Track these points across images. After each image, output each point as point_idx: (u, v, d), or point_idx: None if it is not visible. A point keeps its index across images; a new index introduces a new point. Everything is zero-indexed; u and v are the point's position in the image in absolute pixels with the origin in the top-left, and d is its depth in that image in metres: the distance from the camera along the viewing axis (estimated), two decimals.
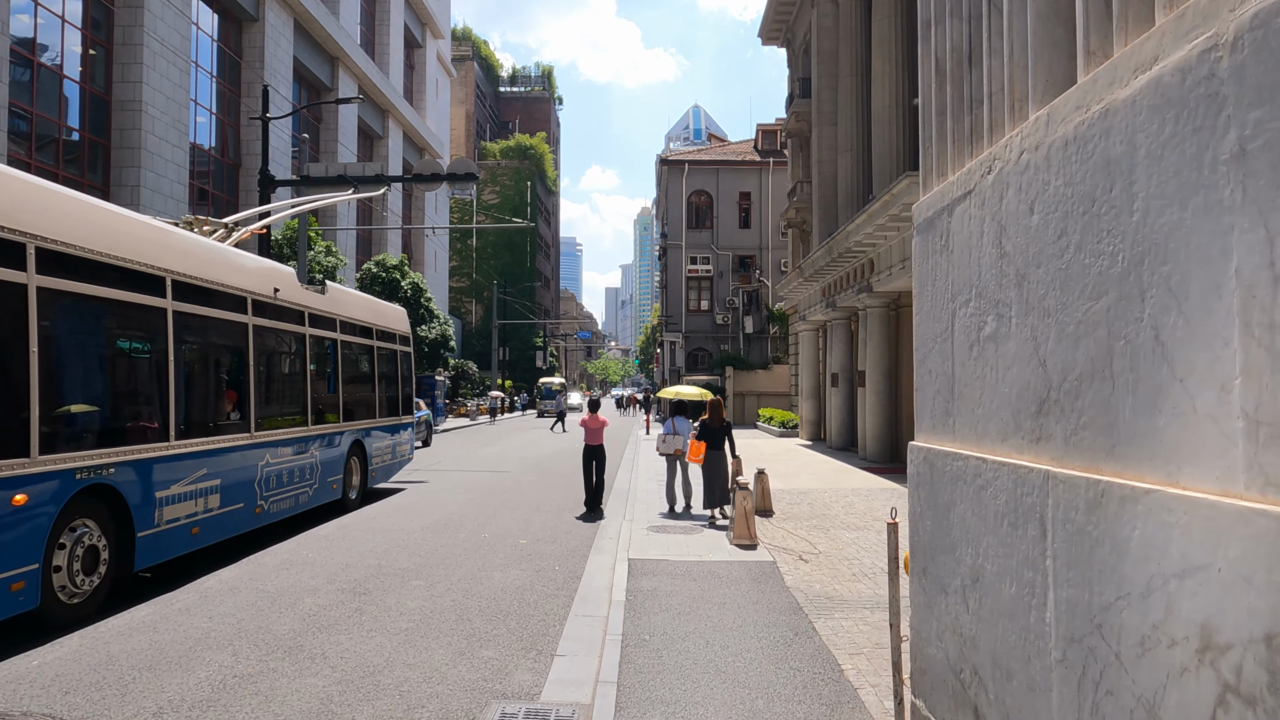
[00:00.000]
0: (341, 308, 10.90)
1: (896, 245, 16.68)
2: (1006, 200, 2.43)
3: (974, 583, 2.59)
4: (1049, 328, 2.17)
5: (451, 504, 12.02)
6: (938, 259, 3.03)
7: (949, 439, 2.94)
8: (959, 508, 2.73)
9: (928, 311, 3.14)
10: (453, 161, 18.91)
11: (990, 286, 2.55)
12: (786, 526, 9.96)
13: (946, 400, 2.94)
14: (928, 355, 3.14)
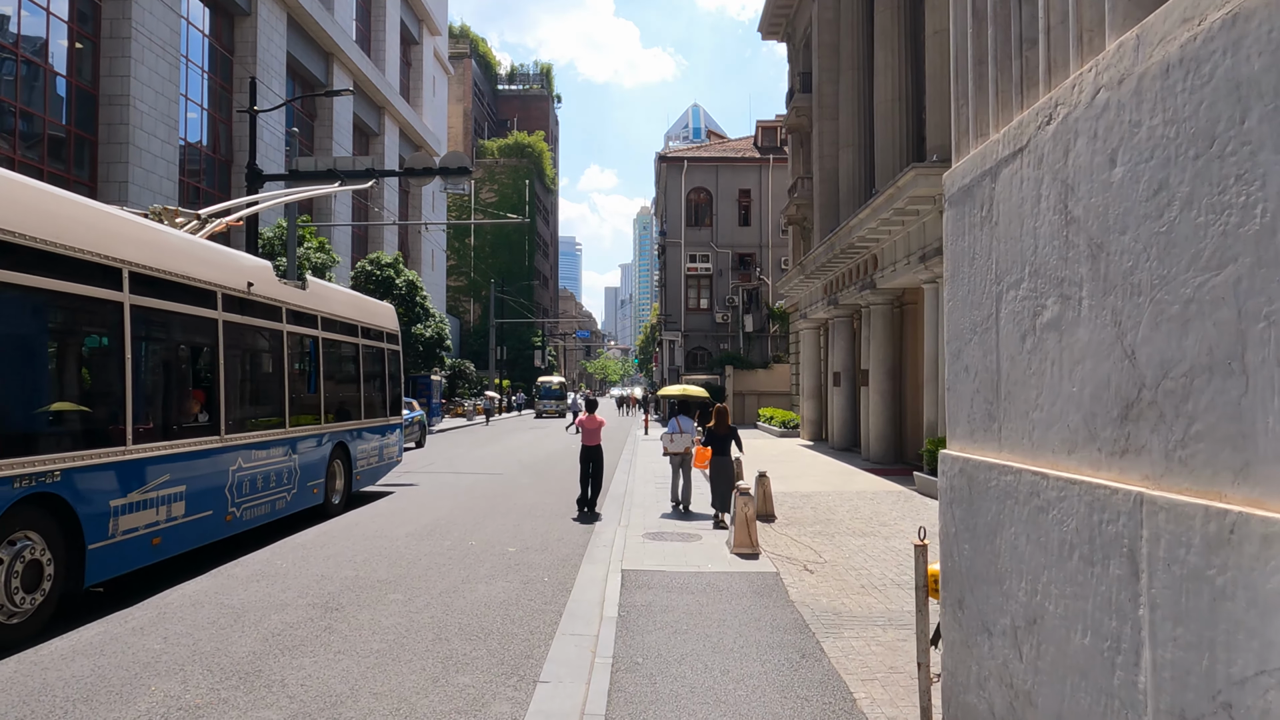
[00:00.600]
0: (323, 304, 10.41)
1: (901, 240, 16.21)
2: (1075, 153, 1.96)
3: (1030, 625, 2.12)
4: (1139, 309, 1.70)
5: (440, 509, 11.53)
6: (976, 234, 2.56)
7: (992, 448, 2.46)
8: (1008, 531, 2.26)
9: (964, 297, 2.67)
10: (446, 155, 18.42)
11: (1050, 262, 2.08)
12: (789, 533, 9.48)
13: (989, 402, 2.47)
14: (964, 348, 2.67)
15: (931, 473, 12.90)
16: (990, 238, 2.44)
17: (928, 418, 14.78)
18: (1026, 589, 2.14)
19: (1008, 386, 2.34)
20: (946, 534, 2.83)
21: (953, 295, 2.78)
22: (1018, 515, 2.20)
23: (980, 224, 2.52)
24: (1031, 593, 2.11)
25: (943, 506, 2.88)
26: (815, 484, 14.41)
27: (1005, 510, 2.27)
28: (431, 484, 14.48)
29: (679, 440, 11.04)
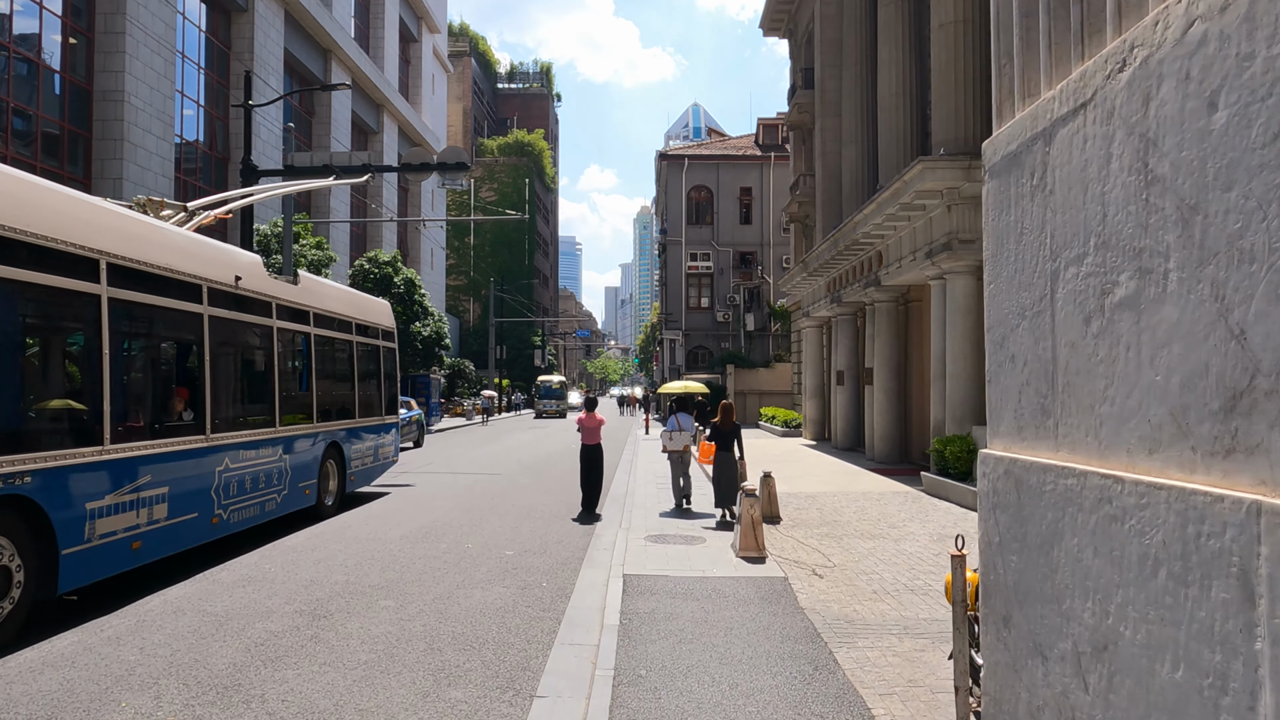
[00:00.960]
0: (316, 300, 10.12)
1: (907, 236, 15.91)
2: (1158, 101, 1.68)
3: (1099, 651, 1.83)
4: (1250, 280, 1.42)
5: (436, 510, 11.24)
6: (1025, 206, 2.27)
7: (1046, 447, 2.17)
8: (1069, 542, 1.97)
9: (1009, 278, 2.38)
10: (443, 151, 18.12)
11: (1124, 231, 1.80)
12: (796, 535, 9.18)
13: (1042, 395, 2.18)
14: (1009, 335, 2.38)
15: (940, 472, 12.61)
16: (1043, 209, 2.16)
17: (934, 416, 14.48)
18: (1094, 610, 1.86)
19: (1067, 377, 2.06)
20: (988, 543, 2.54)
21: (995, 277, 2.49)
22: (1082, 524, 1.91)
23: (1030, 194, 2.24)
24: (1101, 614, 1.83)
25: (983, 513, 2.58)
26: (820, 484, 14.11)
27: (1065, 518, 1.99)
28: (429, 484, 14.19)
29: (679, 438, 11.00)
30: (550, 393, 48.27)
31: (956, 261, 13.53)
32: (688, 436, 11.08)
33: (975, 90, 15.15)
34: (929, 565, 7.63)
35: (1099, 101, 1.89)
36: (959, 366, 13.53)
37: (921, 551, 8.30)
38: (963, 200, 13.39)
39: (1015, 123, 2.35)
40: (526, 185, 73.96)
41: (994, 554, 2.47)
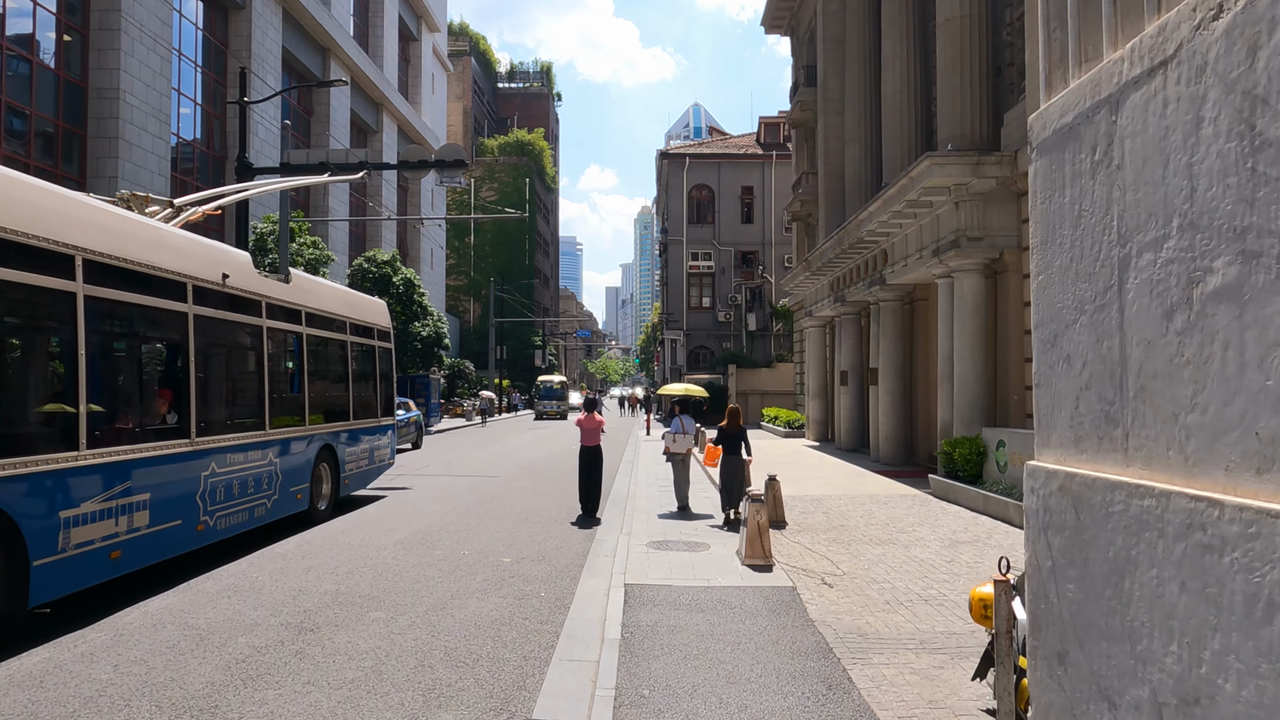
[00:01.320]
0: (308, 298, 9.83)
1: (913, 234, 15.63)
2: (1269, 50, 1.40)
3: (1189, 705, 1.56)
4: None
5: (432, 514, 10.96)
6: (1085, 184, 1.99)
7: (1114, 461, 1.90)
8: (1146, 574, 1.70)
9: (1064, 267, 2.10)
10: (442, 148, 17.84)
11: (1221, 207, 1.52)
12: (803, 541, 8.89)
13: (1108, 401, 1.90)
14: (1064, 333, 2.10)
15: (949, 475, 12.32)
16: (1109, 186, 1.88)
17: (942, 418, 14.20)
18: (1182, 655, 1.58)
19: (1141, 381, 1.78)
20: (1038, 567, 2.26)
21: (1045, 267, 2.22)
22: (1164, 553, 1.64)
23: (1091, 171, 1.96)
24: (1191, 661, 1.55)
25: (1031, 532, 2.30)
26: (825, 487, 13.83)
27: (1141, 545, 1.71)
28: (425, 487, 13.91)
29: (682, 441, 10.90)
30: (550, 393, 46.63)
31: (964, 260, 13.24)
32: (690, 439, 11.06)
33: (981, 86, 14.87)
34: (942, 573, 7.34)
35: (1185, 57, 1.62)
36: (967, 367, 13.25)
37: (933, 558, 8.01)
38: (971, 197, 13.11)
39: (1070, 91, 2.07)
40: (527, 185, 73.68)
41: (1046, 580, 2.19)
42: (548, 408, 45.35)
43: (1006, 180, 12.73)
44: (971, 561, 7.85)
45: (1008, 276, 13.23)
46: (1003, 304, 13.45)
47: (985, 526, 9.83)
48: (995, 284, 13.68)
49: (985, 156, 12.69)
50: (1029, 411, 12.69)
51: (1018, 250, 13.00)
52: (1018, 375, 12.97)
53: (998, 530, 9.55)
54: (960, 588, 6.80)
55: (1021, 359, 12.90)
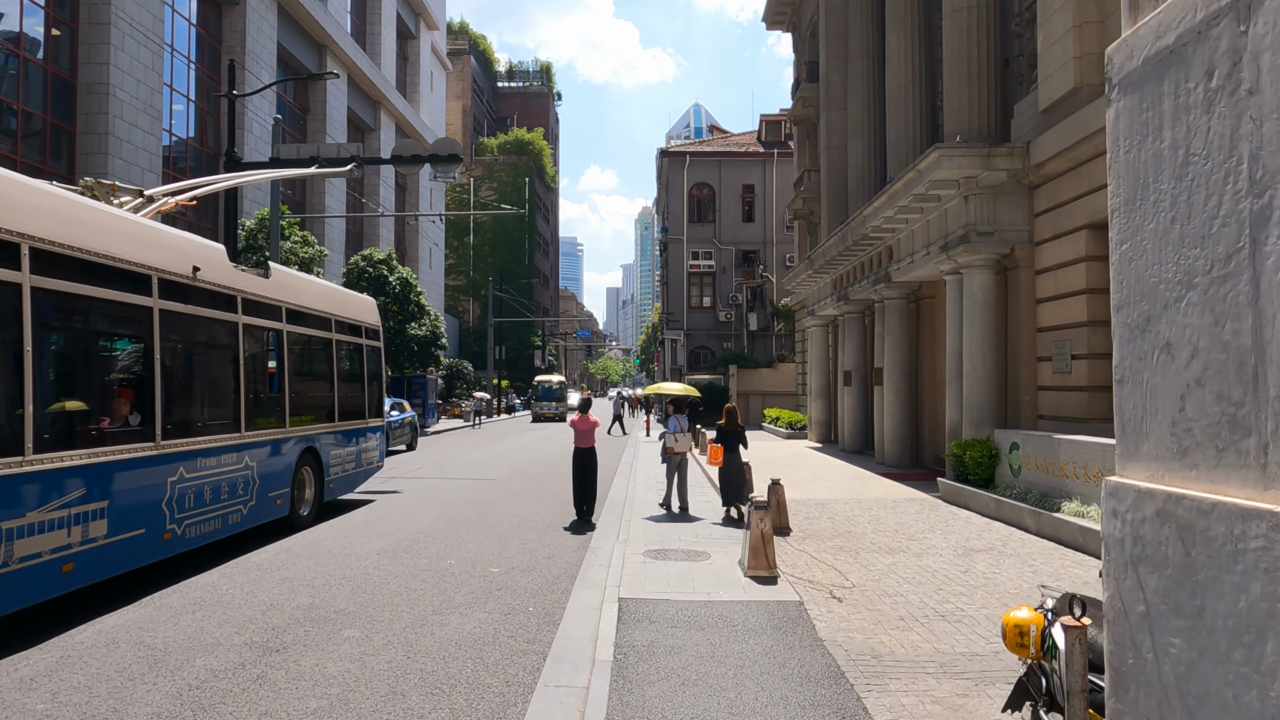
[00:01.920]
0: (289, 294, 9.38)
1: (920, 230, 15.18)
2: None
3: None
4: None
5: (421, 519, 10.50)
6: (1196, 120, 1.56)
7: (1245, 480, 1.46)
8: None
9: (1160, 231, 1.66)
10: (436, 141, 17.41)
11: None
12: (808, 549, 8.44)
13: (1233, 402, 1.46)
14: (1160, 314, 1.66)
15: (959, 478, 11.86)
16: (1235, 118, 1.44)
17: (950, 419, 13.74)
18: None
19: None
20: (1123, 611, 1.81)
21: (1130, 233, 1.77)
22: None
23: (1205, 103, 1.52)
24: None
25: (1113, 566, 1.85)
26: (829, 490, 13.37)
27: None
28: (416, 491, 13.46)
29: (683, 440, 10.80)
30: (548, 393, 44.14)
31: (974, 255, 12.78)
32: (690, 439, 10.85)
33: (989, 78, 14.44)
34: (957, 585, 6.89)
35: None
36: (976, 366, 12.79)
37: (946, 568, 7.56)
38: (981, 191, 12.65)
39: (1172, 5, 1.63)
40: (526, 184, 73.26)
41: (1136, 629, 1.73)
42: (545, 409, 43.01)
43: (1018, 173, 12.28)
44: (988, 572, 7.39)
45: (1019, 273, 12.77)
46: (1014, 301, 12.99)
47: (999, 533, 9.38)
48: (1006, 280, 13.22)
49: (996, 148, 12.24)
50: (1042, 413, 12.23)
51: (1029, 245, 12.55)
52: (1030, 375, 12.51)
53: (1013, 537, 9.09)
54: (979, 602, 6.34)
55: (1034, 358, 12.45)
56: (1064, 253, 11.55)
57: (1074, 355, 11.30)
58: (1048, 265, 12.03)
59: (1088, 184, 10.92)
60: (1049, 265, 12.00)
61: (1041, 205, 12.23)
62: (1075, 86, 10.94)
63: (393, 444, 21.10)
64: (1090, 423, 10.84)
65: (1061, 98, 11.27)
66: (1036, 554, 8.19)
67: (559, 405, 42.96)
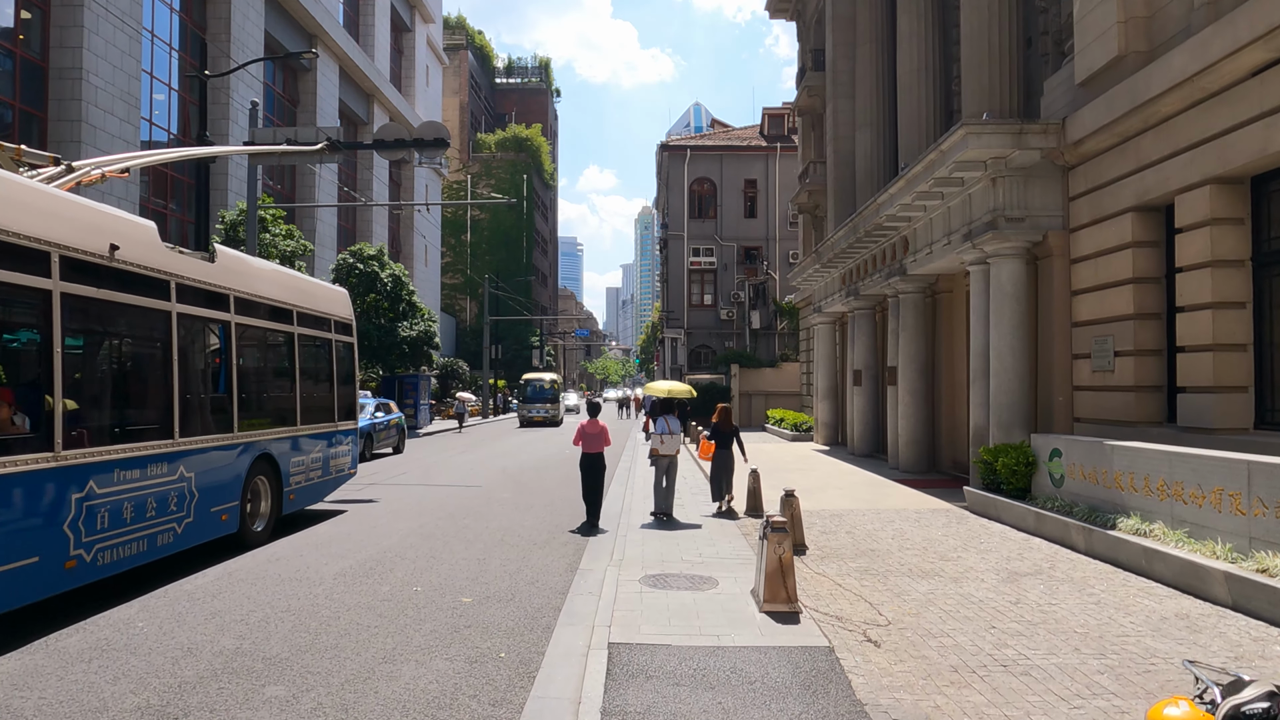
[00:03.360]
0: (239, 281, 8.28)
1: (939, 218, 14.09)
2: None
3: None
4: None
5: (393, 534, 9.41)
6: None
7: None
8: None
9: None
10: (421, 125, 16.32)
11: None
12: (829, 572, 7.35)
13: None
14: None
15: (989, 488, 10.76)
16: None
17: (974, 422, 12.64)
18: None
19: None
20: None
21: None
22: None
23: None
24: None
25: None
26: (843, 499, 12.29)
27: None
28: (395, 499, 12.37)
29: (670, 441, 10.30)
30: (539, 394, 37.62)
31: (1003, 243, 11.69)
32: (679, 439, 10.40)
33: (1011, 59, 13.39)
34: (1010, 620, 5.80)
35: None
36: (1005, 364, 11.70)
37: (993, 597, 6.47)
38: (1010, 172, 11.56)
39: None
40: (524, 181, 72.17)
41: None
42: (535, 412, 36.76)
43: (1051, 152, 11.19)
44: (1042, 603, 6.30)
45: (1051, 262, 11.68)
46: (1045, 293, 11.90)
47: (1043, 552, 8.29)
48: (1036, 270, 12.14)
49: (1028, 124, 11.15)
50: (1078, 415, 11.14)
51: (1064, 232, 11.46)
52: (1063, 373, 11.43)
53: (1059, 557, 8.00)
54: (1043, 645, 5.25)
55: (1068, 355, 11.36)
56: (1106, 238, 10.46)
57: (1117, 352, 10.22)
58: (1086, 253, 10.95)
59: (1134, 161, 9.83)
60: (1087, 253, 10.91)
61: (1079, 187, 11.14)
62: (1120, 54, 9.85)
63: (378, 447, 20.03)
64: (1137, 426, 9.76)
65: (1103, 68, 10.19)
66: (1093, 579, 7.10)
67: (551, 408, 37.46)
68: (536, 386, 38.07)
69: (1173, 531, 7.16)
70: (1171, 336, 9.71)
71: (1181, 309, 9.12)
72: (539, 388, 37.94)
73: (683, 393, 15.71)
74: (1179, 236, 9.18)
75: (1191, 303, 8.92)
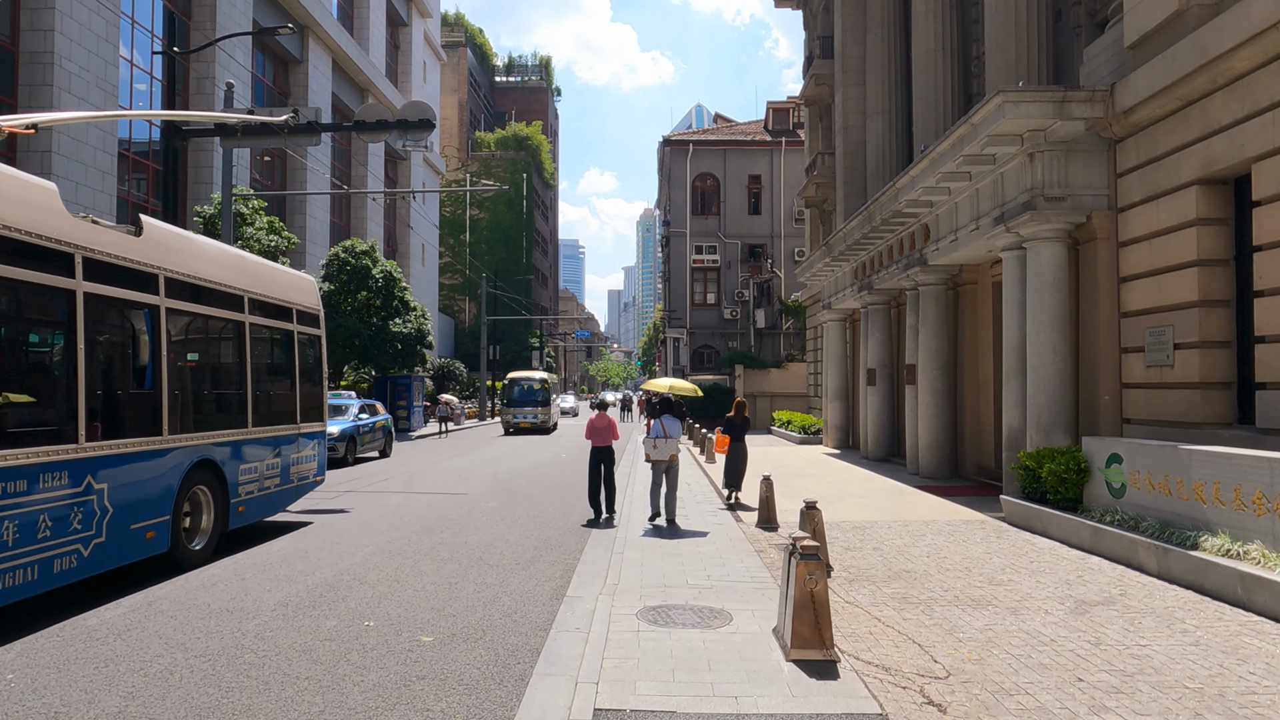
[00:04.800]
0: (173, 260, 7.14)
1: (966, 200, 12.93)
2: None
3: None
4: None
5: (357, 551, 8.25)
6: None
7: None
8: None
9: None
10: (404, 105, 15.21)
11: None
12: (862, 601, 6.19)
13: None
14: None
15: (1032, 497, 9.59)
16: None
17: (1008, 423, 11.47)
18: None
19: None
20: None
21: None
22: None
23: None
24: None
25: None
26: (864, 509, 11.13)
27: None
28: (369, 509, 11.22)
29: (663, 446, 9.58)
30: (527, 395, 31.39)
31: (1042, 225, 10.54)
32: (674, 444, 9.63)
33: (1040, 33, 12.26)
34: (1097, 669, 4.63)
35: None
36: (1045, 359, 10.54)
37: (1066, 636, 5.31)
38: (1050, 146, 10.42)
39: None
40: (524, 180, 71.07)
41: None
42: (521, 417, 30.79)
43: (1097, 123, 10.04)
44: (1129, 644, 5.13)
45: (1095, 246, 10.53)
46: (1088, 281, 10.75)
47: (1106, 575, 7.12)
48: (1077, 256, 10.98)
49: (1072, 92, 9.98)
50: (1128, 416, 9.97)
51: (1109, 212, 10.31)
52: (1110, 369, 10.27)
53: (1129, 581, 6.83)
54: (1154, 707, 4.09)
55: (1115, 348, 10.20)
56: (1163, 217, 9.30)
57: (1177, 344, 9.05)
58: (1138, 234, 9.79)
59: (1200, 127, 8.67)
60: (1140, 234, 9.75)
61: (1129, 161, 9.98)
62: (1181, 8, 8.70)
63: (363, 450, 18.89)
64: (1202, 428, 8.59)
65: (1159, 25, 9.04)
66: (1179, 611, 5.93)
67: (541, 412, 31.21)
68: (524, 387, 31.96)
69: (1274, 554, 5.99)
70: (1243, 325, 8.56)
71: (1261, 293, 7.95)
72: (527, 388, 31.91)
73: (686, 390, 14.57)
74: (1256, 210, 8.02)
75: (1273, 286, 7.75)
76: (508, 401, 31.69)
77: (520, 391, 31.76)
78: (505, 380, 33.43)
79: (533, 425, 30.87)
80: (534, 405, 31.24)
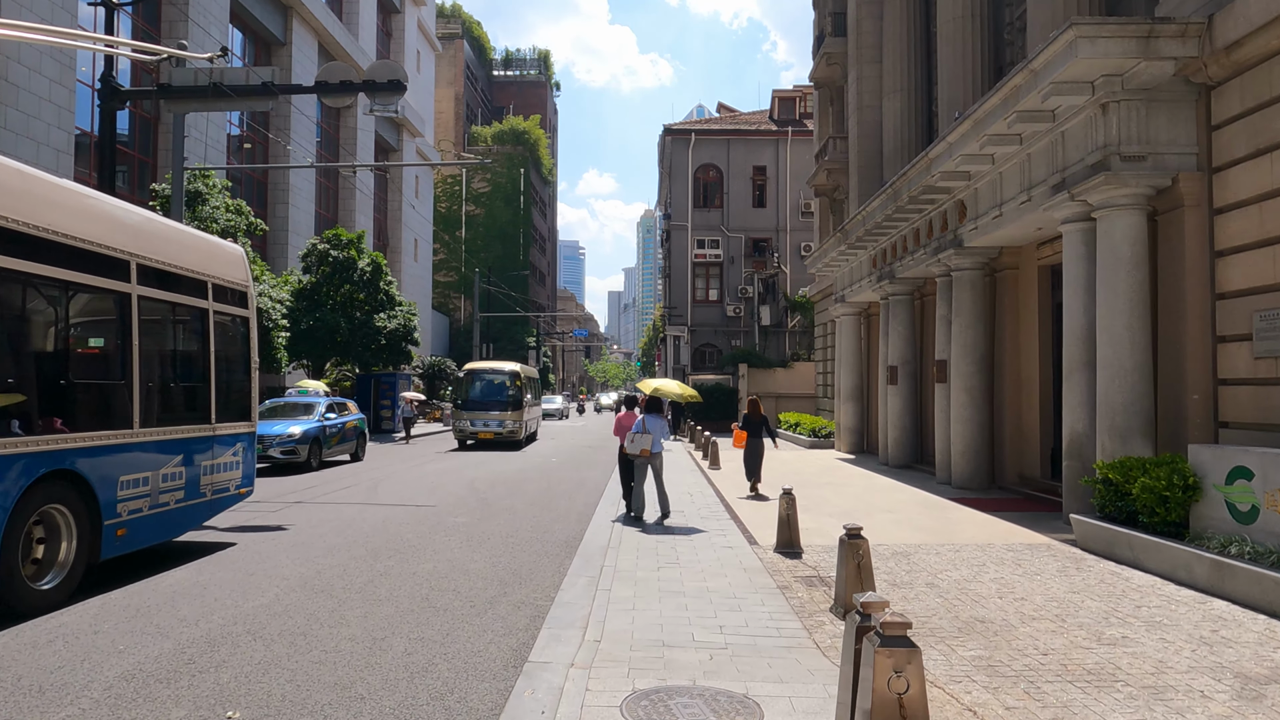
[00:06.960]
0: (21, 208, 5.37)
1: (1014, 169, 11.17)
2: None
3: None
4: None
5: (269, 588, 6.46)
6: None
7: None
8: None
9: None
10: (371, 66, 13.47)
11: None
12: (935, 672, 4.43)
13: None
14: None
15: (1117, 519, 7.79)
16: None
17: (1071, 426, 9.68)
18: None
19: None
20: None
21: None
22: None
23: None
24: None
25: None
26: (900, 526, 9.38)
27: None
28: (313, 524, 9.43)
29: (639, 440, 9.52)
30: (489, 393, 23.36)
31: (1118, 189, 8.77)
32: (650, 440, 9.50)
33: None
34: None
35: None
36: (1121, 351, 8.76)
37: None
38: (1128, 95, 8.65)
39: None
40: (521, 175, 69.28)
41: None
42: (479, 425, 22.71)
43: (1189, 64, 8.28)
44: None
45: (1180, 214, 8.77)
46: (1170, 257, 8.99)
47: (1251, 629, 5.34)
48: (1158, 228, 9.22)
49: (1160, 25, 8.22)
50: (1224, 418, 8.20)
51: (1201, 174, 8.55)
52: (1200, 362, 8.50)
53: None
54: None
55: (1208, 336, 8.43)
56: (1278, 175, 7.54)
57: None
58: (1241, 198, 8.02)
59: None
60: (1243, 198, 7.98)
61: (1229, 110, 8.21)
62: None
63: (331, 453, 17.11)
64: None
65: None
66: None
67: (509, 418, 22.98)
68: (487, 382, 23.61)
69: None
70: None
71: None
72: (489, 384, 23.53)
73: (673, 393, 12.72)
74: None
75: None
76: (462, 402, 23.52)
77: (482, 388, 23.55)
78: (463, 370, 25.60)
79: (495, 436, 22.76)
80: (499, 408, 23.08)
